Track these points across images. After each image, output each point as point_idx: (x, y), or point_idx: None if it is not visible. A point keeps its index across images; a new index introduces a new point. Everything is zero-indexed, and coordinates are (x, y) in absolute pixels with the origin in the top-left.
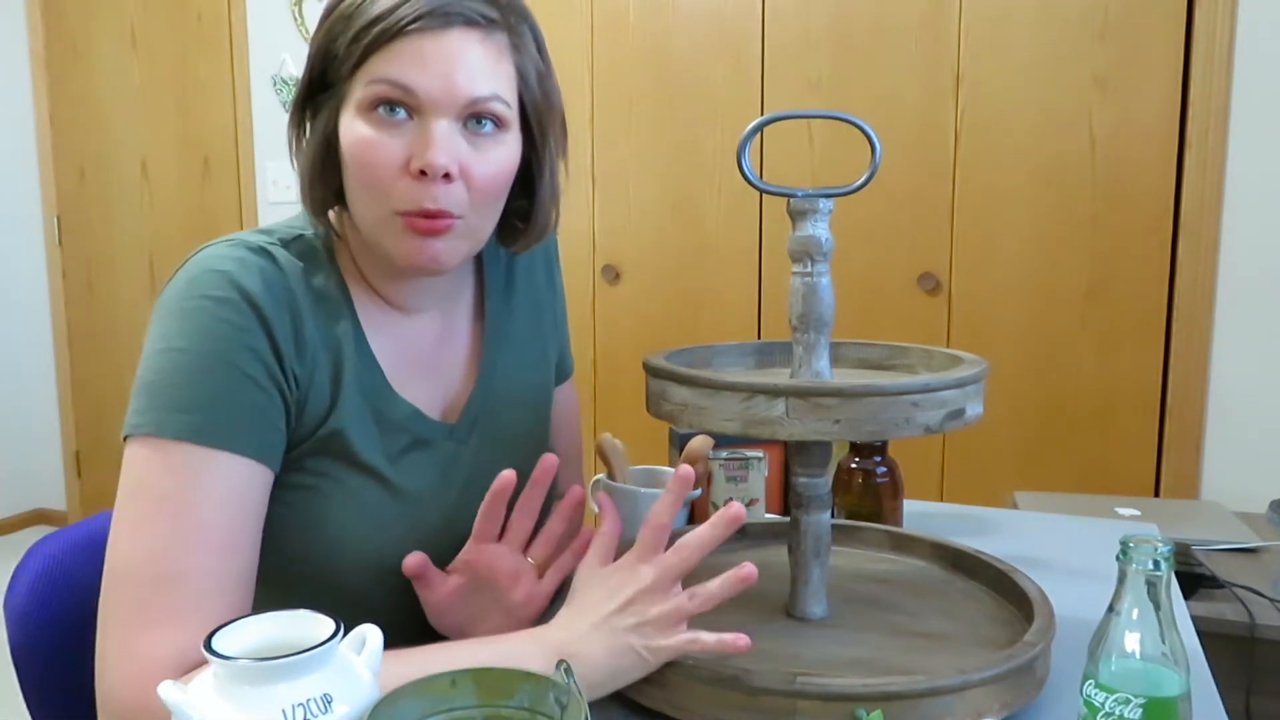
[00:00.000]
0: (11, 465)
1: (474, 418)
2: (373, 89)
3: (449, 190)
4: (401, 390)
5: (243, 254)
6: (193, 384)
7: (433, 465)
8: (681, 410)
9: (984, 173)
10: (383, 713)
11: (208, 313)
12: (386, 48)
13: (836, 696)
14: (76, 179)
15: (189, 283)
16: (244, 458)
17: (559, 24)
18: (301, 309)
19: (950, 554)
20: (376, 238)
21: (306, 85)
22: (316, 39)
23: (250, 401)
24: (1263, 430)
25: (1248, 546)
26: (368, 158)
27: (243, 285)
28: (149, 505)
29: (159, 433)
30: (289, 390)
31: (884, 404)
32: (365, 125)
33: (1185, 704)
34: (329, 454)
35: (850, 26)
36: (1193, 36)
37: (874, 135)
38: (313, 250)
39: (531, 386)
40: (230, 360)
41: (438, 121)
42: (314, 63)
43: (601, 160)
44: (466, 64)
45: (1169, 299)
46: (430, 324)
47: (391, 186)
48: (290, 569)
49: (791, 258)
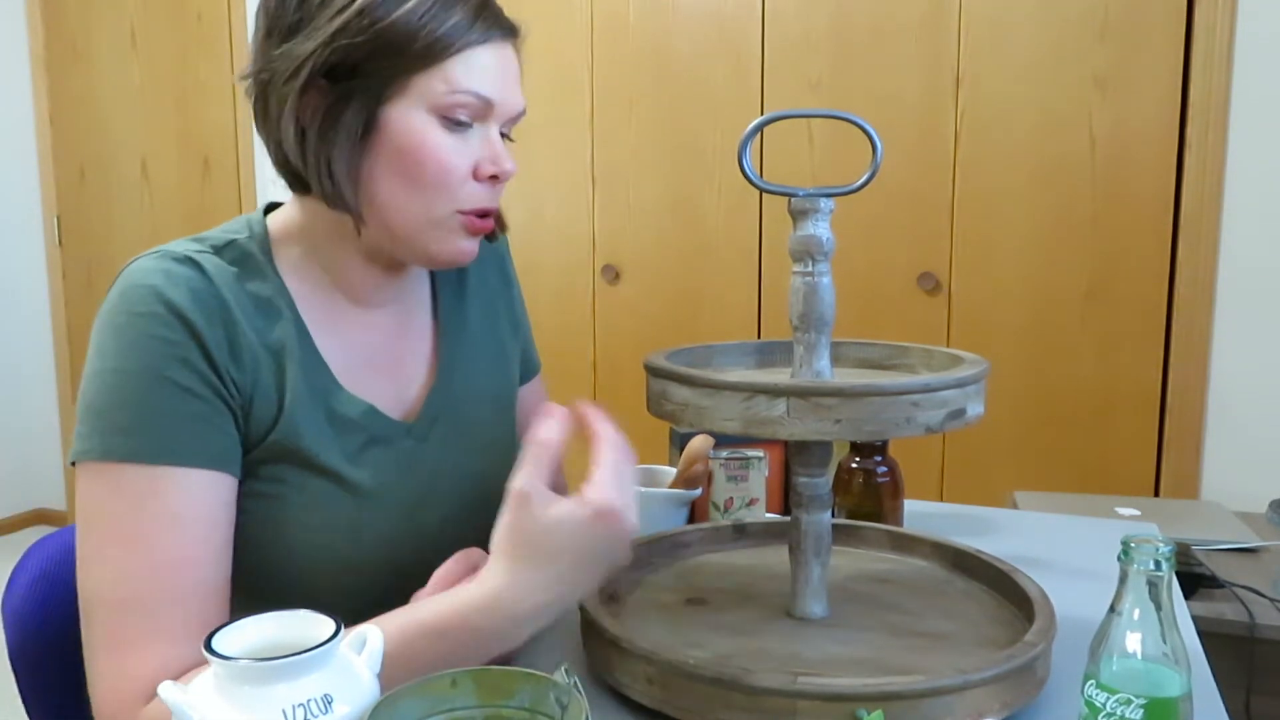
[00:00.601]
0: (11, 465)
1: (434, 415)
2: (457, 98)
3: (499, 190)
4: (355, 388)
5: (169, 265)
6: (131, 404)
7: (393, 462)
8: (682, 410)
9: (984, 173)
10: (383, 713)
11: (136, 329)
12: (466, 55)
13: (837, 696)
14: (76, 179)
15: (117, 299)
16: (194, 469)
17: (559, 24)
18: (235, 315)
19: (950, 554)
20: (418, 235)
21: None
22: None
23: (191, 412)
24: (1263, 430)
25: (1248, 546)
26: (443, 162)
27: (168, 298)
28: (105, 533)
29: (105, 457)
30: (231, 397)
31: (885, 404)
32: (439, 130)
33: (1186, 704)
34: (283, 459)
35: (850, 26)
36: (1193, 36)
37: (875, 135)
38: (247, 255)
39: (491, 383)
40: (164, 375)
41: (495, 129)
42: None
43: (601, 160)
44: (517, 77)
45: (1169, 299)
46: (386, 319)
47: (459, 189)
48: (253, 576)
49: (792, 257)
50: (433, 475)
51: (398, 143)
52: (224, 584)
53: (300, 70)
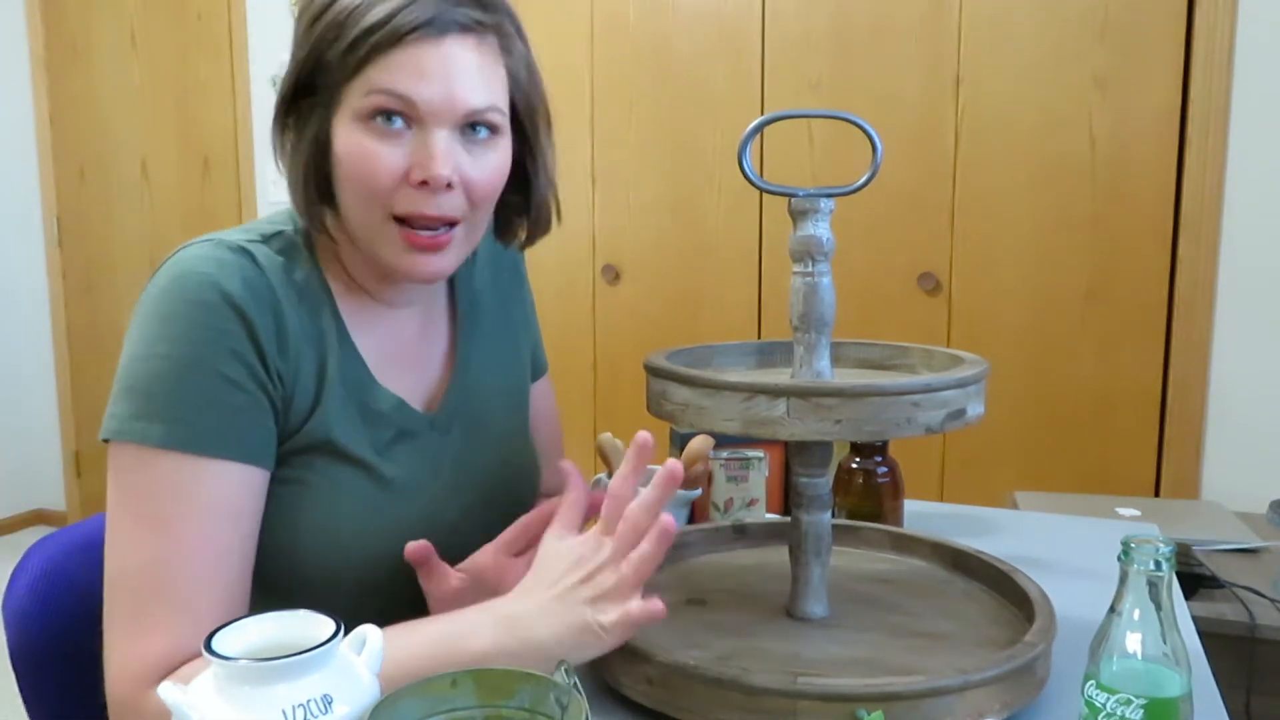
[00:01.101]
0: (11, 465)
1: (453, 409)
2: (372, 99)
3: (450, 198)
4: (386, 383)
5: (223, 254)
6: (176, 392)
7: (419, 456)
8: (683, 410)
9: (984, 173)
10: (383, 713)
11: (189, 317)
12: (383, 57)
13: (837, 697)
14: (76, 179)
15: (170, 284)
16: (231, 462)
17: (559, 24)
18: (283, 306)
19: (950, 554)
20: (373, 244)
21: (292, 90)
22: (304, 44)
23: (235, 405)
24: (1263, 430)
25: (1248, 546)
26: (367, 167)
27: (224, 287)
28: (138, 516)
29: (144, 441)
30: (274, 389)
31: (885, 404)
32: (364, 135)
33: (1187, 704)
34: (315, 449)
35: (850, 26)
36: (1193, 36)
37: (875, 135)
38: (294, 246)
39: (506, 380)
40: (212, 366)
41: (437, 132)
42: (302, 68)
43: (601, 160)
44: (464, 73)
45: (1169, 298)
46: (412, 317)
47: (391, 195)
48: (278, 565)
49: (792, 257)
50: (453, 468)
51: (338, 153)
52: (246, 575)
53: (285, 94)
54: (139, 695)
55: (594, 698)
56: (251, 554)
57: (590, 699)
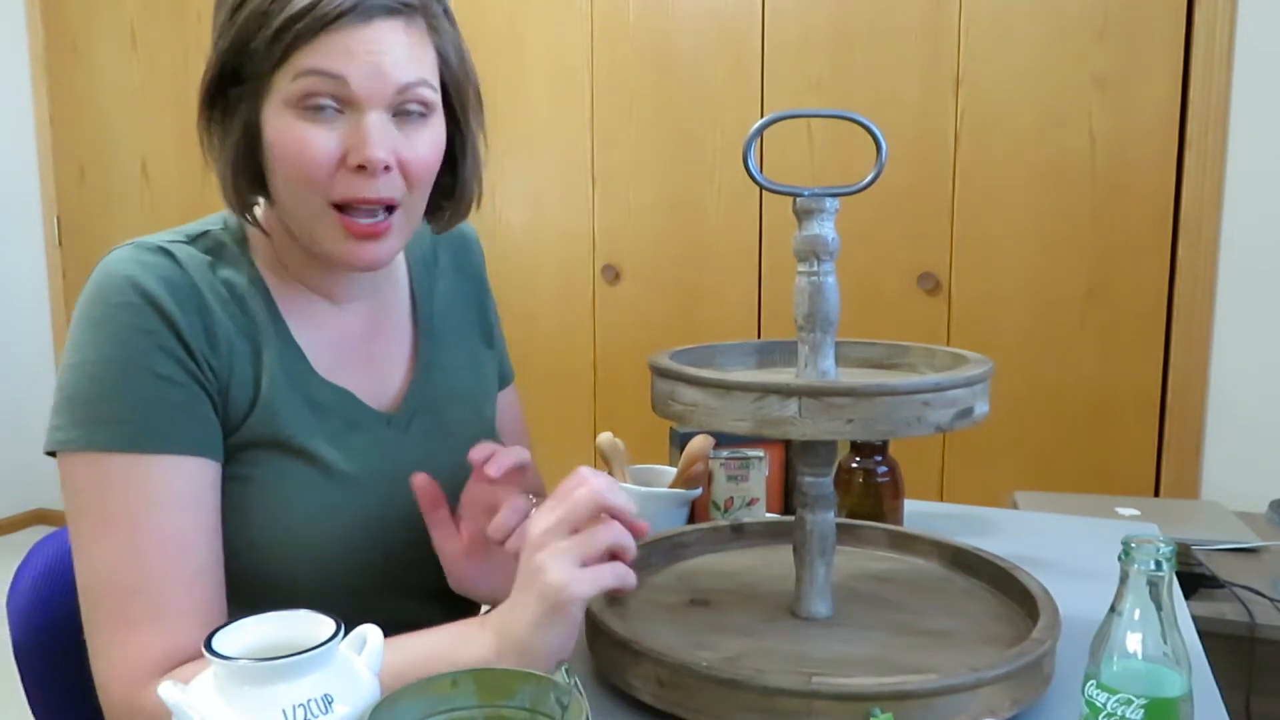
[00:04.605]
0: (11, 465)
1: (414, 409)
2: (301, 83)
3: (388, 180)
4: (331, 377)
5: (143, 256)
6: (113, 394)
7: (375, 450)
8: (692, 411)
9: (984, 173)
10: (383, 713)
11: (114, 320)
12: (310, 43)
13: (852, 696)
14: (76, 179)
15: (93, 291)
16: (180, 456)
17: (559, 24)
18: (208, 302)
19: (951, 552)
20: (311, 233)
21: (216, 80)
22: (226, 33)
23: (173, 400)
24: (1263, 430)
25: (1248, 546)
26: (300, 154)
27: (144, 287)
28: (100, 522)
29: (90, 447)
30: (209, 381)
31: (896, 403)
32: (295, 120)
33: (1187, 704)
34: (262, 444)
35: (850, 26)
36: (1193, 36)
37: (880, 134)
38: (221, 245)
39: (469, 382)
40: (144, 364)
41: (370, 114)
42: (225, 58)
43: (601, 160)
44: (392, 54)
45: (1169, 298)
46: (360, 315)
47: (328, 181)
48: (239, 566)
49: (797, 257)
50: (414, 466)
51: (269, 141)
52: (218, 566)
53: (209, 85)
54: (136, 695)
55: (597, 699)
56: (219, 545)
57: (593, 700)
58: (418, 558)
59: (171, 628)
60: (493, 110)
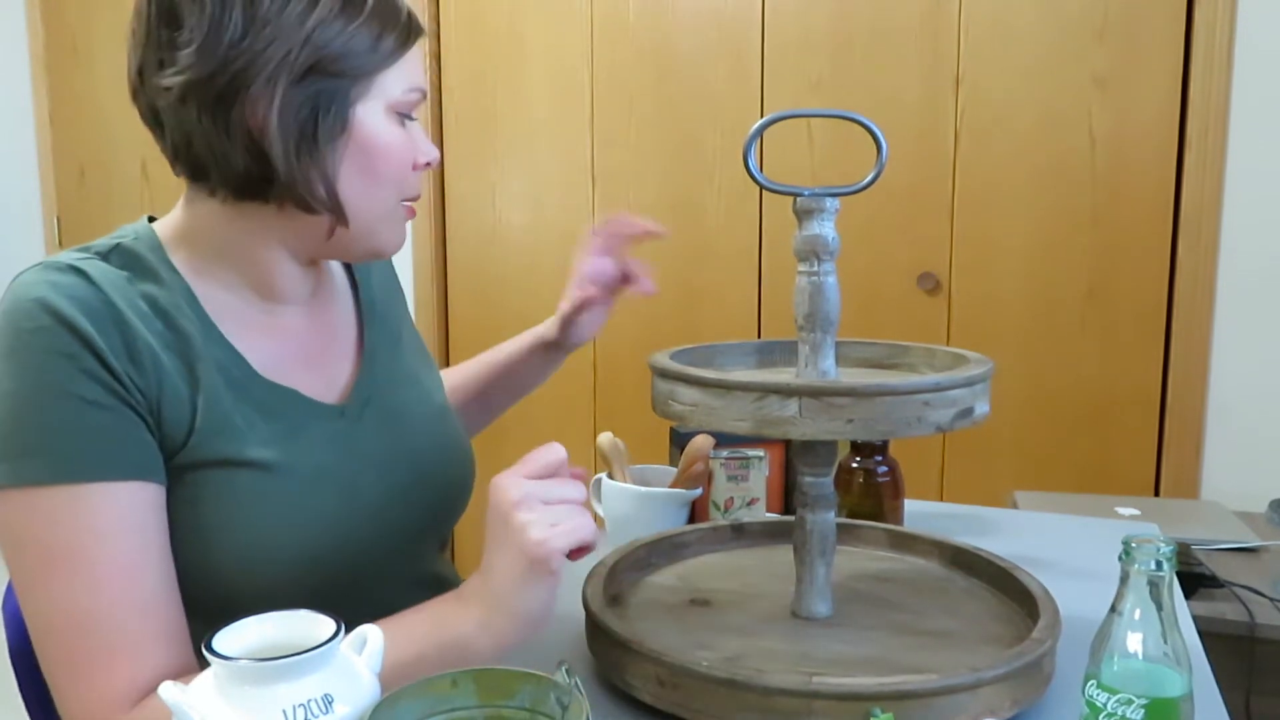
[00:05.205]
0: None
1: (365, 398)
2: (412, 96)
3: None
4: (278, 378)
5: (52, 276)
6: (38, 424)
7: (329, 443)
8: (692, 411)
9: (984, 173)
10: (383, 713)
11: (29, 347)
12: (406, 51)
13: (853, 696)
14: (76, 179)
15: (4, 319)
16: (116, 482)
17: (559, 24)
18: (128, 318)
19: (950, 552)
20: (371, 228)
21: (304, 66)
22: (333, 21)
23: (101, 425)
24: (1263, 430)
25: (1248, 546)
26: (402, 156)
27: (57, 309)
28: (41, 560)
29: (20, 482)
30: (137, 402)
31: (897, 403)
32: (395, 126)
33: (1187, 704)
34: (209, 464)
35: (850, 26)
36: (1192, 36)
37: (880, 134)
38: (136, 258)
39: (411, 366)
40: (66, 389)
41: (416, 121)
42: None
43: (601, 160)
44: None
45: (1169, 298)
46: (303, 315)
47: (406, 179)
48: (198, 586)
49: (798, 257)
50: (369, 455)
51: (362, 141)
52: (172, 588)
53: (278, 72)
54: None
55: (598, 699)
56: (170, 569)
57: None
58: (389, 546)
59: (133, 658)
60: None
